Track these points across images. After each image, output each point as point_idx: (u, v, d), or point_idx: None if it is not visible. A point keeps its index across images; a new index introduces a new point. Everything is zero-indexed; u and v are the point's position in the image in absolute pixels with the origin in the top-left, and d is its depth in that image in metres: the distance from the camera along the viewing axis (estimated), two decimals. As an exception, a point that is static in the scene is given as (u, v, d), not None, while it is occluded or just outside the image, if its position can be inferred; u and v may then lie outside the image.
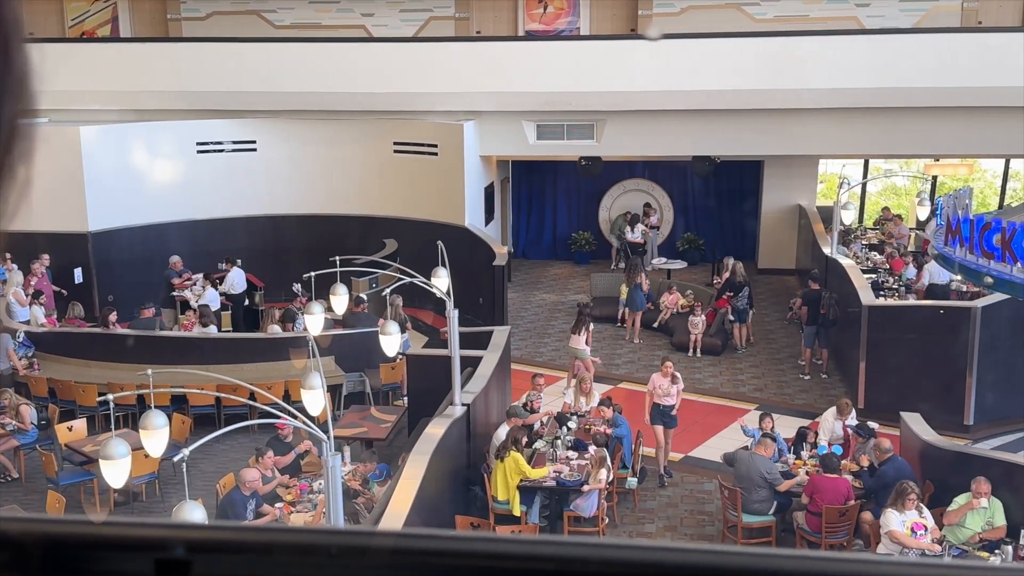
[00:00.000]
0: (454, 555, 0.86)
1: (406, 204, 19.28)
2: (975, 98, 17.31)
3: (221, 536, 0.88)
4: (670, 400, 12.80)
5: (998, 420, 13.76)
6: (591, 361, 15.21)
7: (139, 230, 18.76)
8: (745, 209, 22.40)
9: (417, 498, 8.96)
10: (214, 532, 0.88)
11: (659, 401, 12.79)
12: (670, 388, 12.77)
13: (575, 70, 18.38)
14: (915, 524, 9.64)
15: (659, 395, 12.79)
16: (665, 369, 12.88)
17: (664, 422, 12.72)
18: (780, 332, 18.24)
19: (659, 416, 12.75)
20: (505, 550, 0.82)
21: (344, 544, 0.86)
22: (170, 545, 0.83)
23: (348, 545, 0.86)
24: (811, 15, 20.50)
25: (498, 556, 0.84)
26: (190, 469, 11.96)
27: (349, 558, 0.84)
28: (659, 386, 12.78)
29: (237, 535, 0.89)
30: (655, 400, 12.81)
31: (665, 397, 12.75)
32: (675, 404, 12.86)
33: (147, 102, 19.11)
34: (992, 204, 24.57)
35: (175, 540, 0.84)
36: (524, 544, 0.82)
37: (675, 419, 12.90)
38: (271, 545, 0.85)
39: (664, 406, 12.77)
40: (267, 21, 22.06)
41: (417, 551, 0.84)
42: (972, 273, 10.54)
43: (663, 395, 12.76)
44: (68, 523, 0.86)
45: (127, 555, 0.83)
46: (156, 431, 7.35)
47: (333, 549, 0.84)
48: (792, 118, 18.27)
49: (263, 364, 14.47)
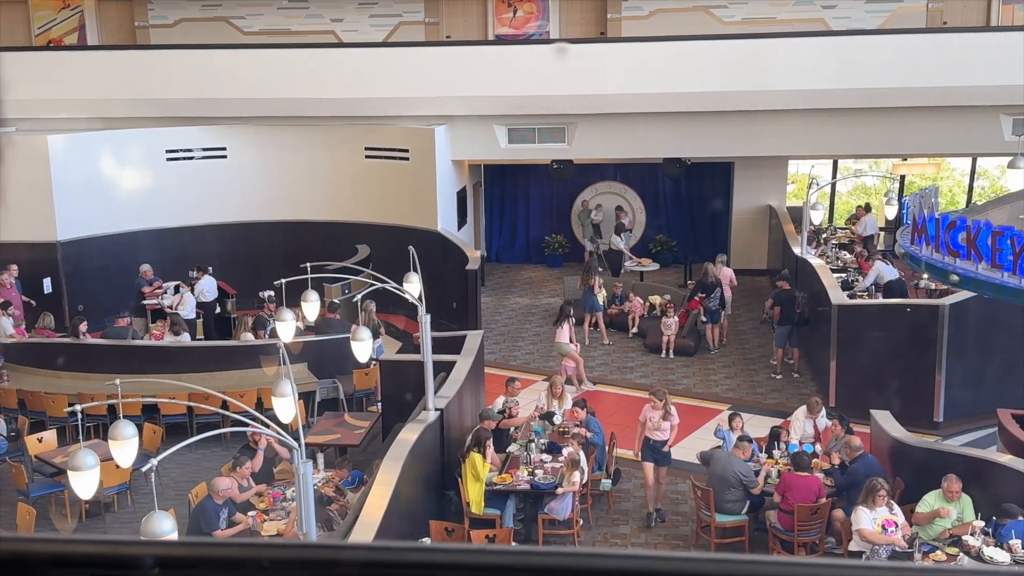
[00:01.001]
0: (416, 567, 0.87)
1: (378, 209, 19.26)
2: (941, 98, 17.51)
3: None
4: (662, 435, 11.60)
5: (967, 417, 13.90)
6: (574, 353, 15.31)
7: (109, 239, 18.64)
8: (716, 210, 22.53)
9: (391, 504, 8.95)
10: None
11: (650, 435, 11.63)
12: (661, 422, 11.58)
13: (545, 74, 18.44)
14: (886, 521, 9.72)
15: (650, 428, 11.64)
16: (656, 403, 11.66)
17: (655, 459, 11.61)
18: (752, 332, 18.35)
19: (650, 452, 11.64)
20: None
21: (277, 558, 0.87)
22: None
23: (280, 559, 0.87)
24: (778, 17, 20.67)
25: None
26: (162, 479, 11.92)
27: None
28: (650, 419, 11.63)
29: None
30: (646, 434, 11.68)
31: (656, 431, 11.58)
32: (668, 440, 11.68)
33: (115, 110, 18.99)
34: (960, 202, 24.84)
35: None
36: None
37: (668, 456, 11.76)
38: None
39: (655, 441, 11.61)
40: (236, 27, 21.98)
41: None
42: (938, 271, 10.65)
43: (654, 429, 11.61)
44: (26, 541, 0.87)
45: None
46: (125, 441, 7.29)
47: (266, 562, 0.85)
48: (761, 119, 18.41)
49: (236, 372, 14.40)
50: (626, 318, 18.26)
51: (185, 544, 0.92)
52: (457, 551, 0.88)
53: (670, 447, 11.78)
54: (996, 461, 10.23)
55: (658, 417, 11.55)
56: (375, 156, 19.32)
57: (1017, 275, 9.36)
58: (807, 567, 0.87)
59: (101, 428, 13.08)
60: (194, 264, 18.06)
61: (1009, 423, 11.56)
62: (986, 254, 9.81)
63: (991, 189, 25.99)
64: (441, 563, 0.87)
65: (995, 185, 26.00)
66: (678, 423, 11.83)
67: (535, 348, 17.81)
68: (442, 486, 11.49)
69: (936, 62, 17.52)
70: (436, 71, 18.76)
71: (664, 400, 11.62)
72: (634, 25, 20.87)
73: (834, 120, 18.27)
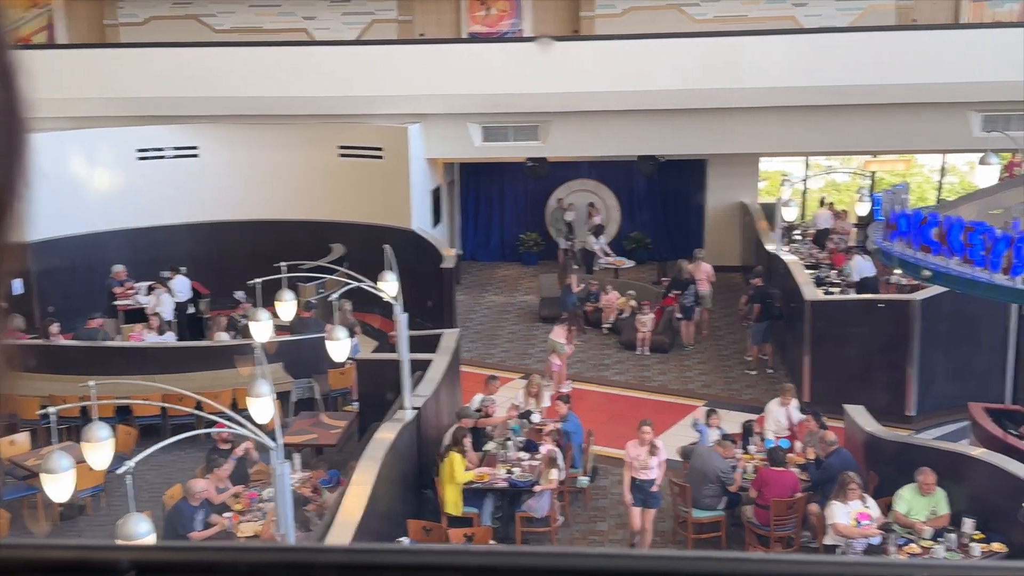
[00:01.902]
0: (394, 569, 0.87)
1: (352, 208, 19.18)
2: (911, 95, 17.66)
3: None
4: (650, 474, 10.86)
5: (939, 410, 14.04)
6: (564, 355, 15.41)
7: (79, 239, 18.44)
8: (690, 207, 22.62)
9: (368, 504, 8.93)
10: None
11: (636, 475, 10.86)
12: (649, 459, 10.85)
13: (519, 72, 18.43)
14: (860, 514, 9.81)
15: (636, 468, 10.89)
16: (642, 436, 10.91)
17: (644, 501, 10.88)
18: (726, 329, 18.44)
19: (638, 493, 10.86)
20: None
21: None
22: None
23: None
24: (750, 15, 20.77)
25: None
26: (137, 481, 11.81)
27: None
28: (636, 457, 10.89)
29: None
30: (632, 474, 10.91)
31: (643, 471, 10.85)
32: (656, 479, 10.94)
33: (85, 109, 18.78)
34: (930, 199, 25.06)
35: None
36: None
37: (658, 497, 11.04)
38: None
39: (643, 481, 10.84)
40: (206, 25, 21.82)
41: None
42: (910, 267, 10.75)
43: (640, 468, 10.87)
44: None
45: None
46: (99, 443, 7.24)
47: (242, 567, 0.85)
48: (734, 117, 18.50)
49: (210, 373, 14.29)
50: (600, 314, 18.30)
51: (162, 548, 0.90)
52: (437, 552, 0.88)
53: (659, 485, 11.03)
54: (969, 455, 10.35)
55: (644, 454, 10.81)
56: (349, 155, 19.25)
57: (989, 270, 9.47)
58: (783, 564, 0.88)
59: (75, 430, 12.95)
60: (166, 264, 17.91)
61: (981, 417, 11.69)
62: (958, 249, 9.92)
63: (960, 185, 26.23)
64: (421, 565, 0.87)
65: (964, 181, 26.25)
66: (665, 458, 11.07)
67: (511, 346, 17.82)
68: (420, 485, 11.48)
69: (906, 59, 17.67)
70: (409, 69, 18.71)
71: (651, 433, 10.94)
72: (607, 23, 20.91)
73: (806, 117, 18.39)
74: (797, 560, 0.84)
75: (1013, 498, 9.59)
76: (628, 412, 14.98)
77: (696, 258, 18.40)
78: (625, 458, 11.01)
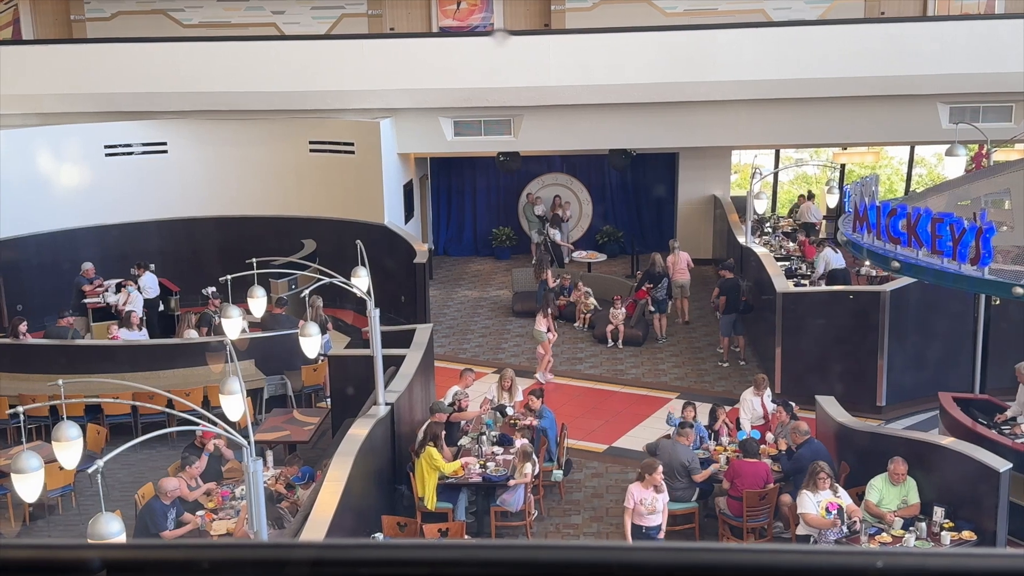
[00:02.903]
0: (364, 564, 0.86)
1: (324, 203, 19.10)
2: (880, 87, 17.81)
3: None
4: (656, 519, 10.02)
5: (909, 400, 14.17)
6: (547, 343, 15.55)
7: (47, 236, 18.25)
8: (662, 201, 22.69)
9: (342, 500, 8.90)
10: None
11: (641, 523, 9.99)
12: (655, 502, 9.99)
13: (490, 66, 18.41)
14: (829, 504, 9.87)
15: (642, 513, 9.99)
16: (651, 478, 9.93)
17: None
18: (699, 321, 18.52)
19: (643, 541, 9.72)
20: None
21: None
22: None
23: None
24: (720, 8, 20.84)
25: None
26: (107, 480, 11.71)
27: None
28: (641, 501, 9.98)
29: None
30: (634, 521, 10.02)
31: (650, 516, 10.01)
32: (662, 524, 10.12)
33: (52, 105, 18.59)
34: (899, 190, 25.28)
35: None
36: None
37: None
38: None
39: (649, 528, 9.99)
40: (174, 20, 21.63)
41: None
42: (879, 258, 10.81)
43: (647, 512, 9.99)
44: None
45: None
46: (69, 443, 7.16)
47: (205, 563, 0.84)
48: (705, 110, 18.57)
49: (181, 370, 14.21)
50: (574, 308, 18.32)
51: (130, 547, 0.89)
52: (407, 547, 0.87)
53: (664, 531, 10.20)
54: (938, 444, 10.44)
55: (651, 498, 9.96)
56: (320, 150, 19.15)
57: (957, 260, 9.55)
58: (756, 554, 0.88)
59: (44, 429, 12.83)
60: (135, 261, 17.76)
61: (950, 406, 11.80)
62: (926, 240, 9.99)
63: (928, 177, 26.47)
64: (392, 560, 0.86)
65: (932, 172, 26.49)
66: (668, 499, 10.29)
67: (484, 341, 17.81)
68: (394, 481, 11.45)
69: (874, 52, 17.80)
70: (380, 64, 18.63)
71: (659, 473, 10.03)
72: (578, 16, 20.92)
73: (776, 110, 18.49)
74: (759, 549, 0.84)
75: (982, 486, 9.70)
76: (602, 405, 15.03)
77: (673, 248, 18.60)
78: (627, 503, 10.06)
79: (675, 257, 18.38)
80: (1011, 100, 17.91)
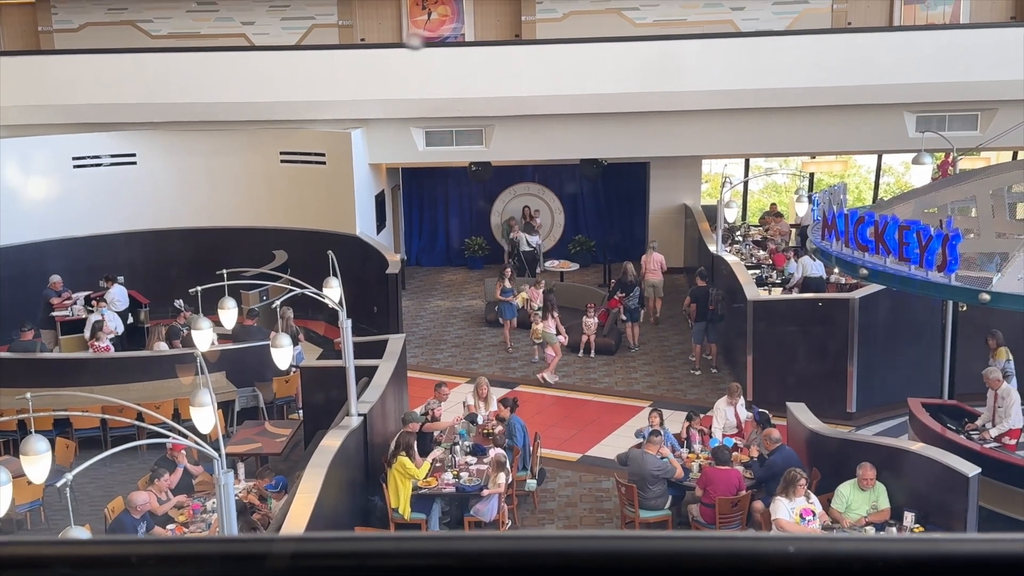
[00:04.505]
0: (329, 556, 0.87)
1: (295, 214, 19.03)
2: (847, 96, 17.99)
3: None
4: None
5: (879, 407, 14.29)
6: (558, 344, 15.88)
7: (13, 249, 18.06)
8: (633, 210, 22.79)
9: (315, 511, 8.85)
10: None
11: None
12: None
13: (462, 76, 18.44)
14: (804, 510, 9.93)
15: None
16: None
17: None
18: (671, 330, 18.60)
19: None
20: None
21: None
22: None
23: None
24: (688, 19, 20.99)
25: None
26: (76, 494, 11.59)
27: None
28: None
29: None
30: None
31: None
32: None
33: (19, 117, 18.41)
34: (867, 199, 25.52)
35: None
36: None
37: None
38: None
39: None
40: (143, 31, 21.50)
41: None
42: (848, 265, 10.93)
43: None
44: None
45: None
46: (38, 456, 7.08)
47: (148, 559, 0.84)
48: (674, 120, 18.68)
49: (150, 383, 14.10)
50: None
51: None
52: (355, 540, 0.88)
53: None
54: (908, 449, 10.53)
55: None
56: (291, 160, 19.08)
57: (924, 267, 9.66)
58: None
59: (11, 444, 12.69)
60: (103, 274, 17.62)
61: (919, 411, 11.91)
62: (893, 248, 10.10)
63: (896, 185, 26.74)
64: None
65: (900, 181, 26.76)
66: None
67: (457, 351, 17.79)
68: (367, 492, 11.41)
69: (842, 62, 17.99)
70: (351, 74, 18.60)
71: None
72: (548, 27, 21.00)
73: (745, 120, 18.63)
74: (675, 536, 0.87)
75: (952, 491, 9.79)
76: (575, 414, 15.05)
77: (649, 247, 19.12)
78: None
79: (648, 257, 18.84)
80: (977, 109, 18.15)
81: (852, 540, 0.87)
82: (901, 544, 0.86)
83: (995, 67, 17.25)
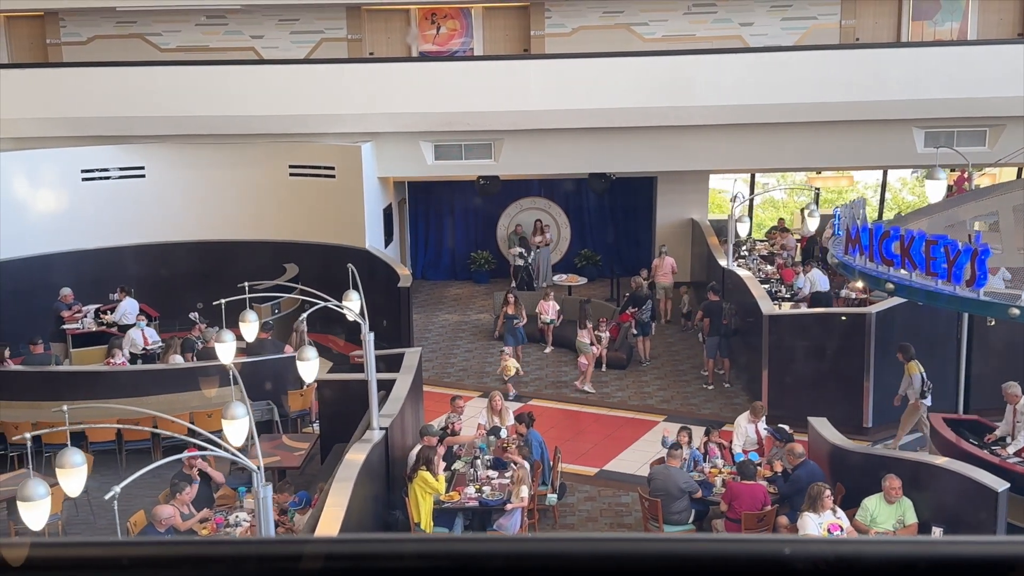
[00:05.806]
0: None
1: (304, 228, 18.98)
2: (856, 112, 18.05)
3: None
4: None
5: (895, 421, 14.26)
6: (591, 355, 16.15)
7: (22, 262, 17.97)
8: (640, 224, 22.80)
9: (343, 526, 8.79)
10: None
11: None
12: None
13: (470, 90, 18.45)
14: (831, 525, 9.90)
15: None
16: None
17: None
18: (682, 344, 18.58)
19: None
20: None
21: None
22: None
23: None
24: (697, 34, 21.04)
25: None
26: (93, 508, 11.49)
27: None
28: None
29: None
30: None
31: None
32: None
33: (27, 129, 18.36)
34: (872, 214, 25.58)
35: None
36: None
37: None
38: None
39: None
40: (152, 44, 21.47)
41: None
42: (873, 280, 10.93)
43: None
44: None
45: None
46: (74, 469, 7.03)
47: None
48: (683, 135, 18.72)
49: (165, 396, 14.00)
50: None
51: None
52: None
53: None
54: (934, 464, 10.51)
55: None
56: (300, 174, 19.05)
57: (952, 282, 9.67)
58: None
59: (20, 458, 12.57)
60: (112, 287, 17.53)
61: (941, 427, 11.90)
62: (920, 262, 10.11)
63: (894, 201, 26.78)
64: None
65: (897, 198, 26.83)
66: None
67: (468, 364, 17.74)
68: (388, 506, 11.34)
69: (850, 77, 18.05)
70: (360, 88, 18.60)
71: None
72: (557, 42, 21.03)
73: (754, 135, 18.67)
74: (673, 539, 0.87)
75: (980, 507, 9.76)
76: (589, 429, 15.02)
77: (661, 251, 19.83)
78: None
79: (660, 260, 19.63)
80: (985, 125, 18.24)
81: (851, 543, 0.87)
82: (901, 547, 0.87)
83: (1002, 83, 17.34)
